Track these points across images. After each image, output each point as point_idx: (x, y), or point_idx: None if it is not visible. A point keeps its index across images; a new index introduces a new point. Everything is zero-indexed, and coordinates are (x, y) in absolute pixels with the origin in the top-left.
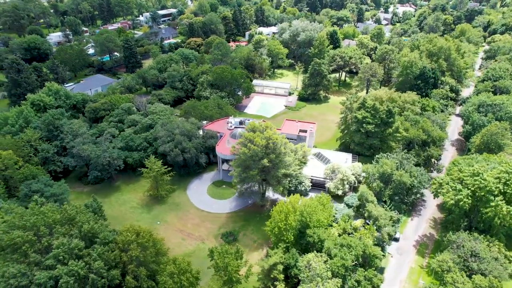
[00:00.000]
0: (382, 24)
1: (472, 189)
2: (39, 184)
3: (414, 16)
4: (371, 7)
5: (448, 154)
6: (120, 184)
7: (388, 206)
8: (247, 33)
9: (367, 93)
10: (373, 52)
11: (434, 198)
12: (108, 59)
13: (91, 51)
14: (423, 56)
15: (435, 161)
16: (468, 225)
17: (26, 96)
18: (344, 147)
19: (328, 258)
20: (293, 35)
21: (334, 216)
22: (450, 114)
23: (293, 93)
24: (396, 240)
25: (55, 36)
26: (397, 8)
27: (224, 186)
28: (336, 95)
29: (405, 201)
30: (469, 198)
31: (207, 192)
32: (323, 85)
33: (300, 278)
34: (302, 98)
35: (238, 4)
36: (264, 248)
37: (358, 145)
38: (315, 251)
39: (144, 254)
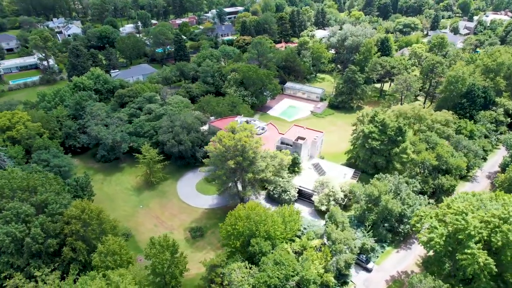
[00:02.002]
0: (460, 34)
1: (451, 229)
2: (47, 155)
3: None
4: (456, 14)
5: (477, 187)
6: (125, 166)
7: (367, 232)
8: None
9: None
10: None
11: (413, 234)
12: (161, 51)
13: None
14: (477, 71)
15: (449, 192)
16: (451, 270)
17: (71, 78)
18: (351, 162)
19: (257, 272)
20: (341, 39)
21: (301, 231)
22: (500, 142)
23: (325, 99)
24: (368, 270)
25: (128, 28)
26: (487, 16)
27: (213, 182)
28: (372, 106)
29: (397, 230)
30: (444, 239)
31: (195, 185)
32: (356, 94)
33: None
34: (332, 105)
35: (306, 5)
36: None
37: (362, 162)
38: (246, 262)
39: (85, 229)
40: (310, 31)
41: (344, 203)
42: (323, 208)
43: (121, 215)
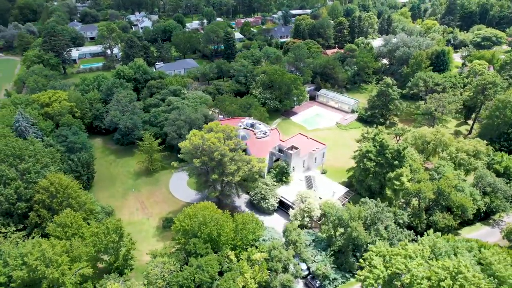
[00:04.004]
0: None
1: (390, 273)
2: (68, 132)
3: None
4: None
5: (495, 235)
6: (137, 151)
7: (329, 257)
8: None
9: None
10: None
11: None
12: (213, 48)
13: None
14: None
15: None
16: None
17: (115, 66)
18: (351, 181)
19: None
20: (392, 49)
21: (258, 242)
22: None
23: (357, 112)
24: None
25: (195, 24)
26: None
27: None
28: (408, 123)
29: None
30: (381, 281)
31: (188, 179)
32: (388, 109)
33: None
34: (360, 119)
35: (379, 11)
36: None
37: (358, 183)
38: (173, 259)
39: (51, 200)
40: (373, 38)
41: (320, 222)
42: (297, 223)
43: (112, 194)
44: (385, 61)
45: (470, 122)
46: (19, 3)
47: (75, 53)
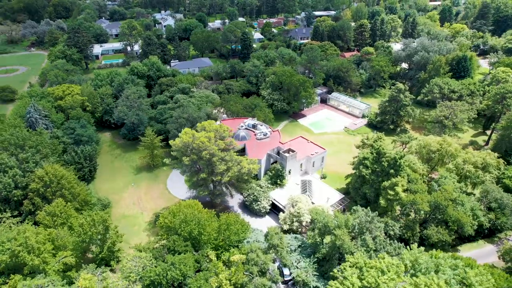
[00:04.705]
0: None
1: (361, 286)
2: (75, 124)
3: None
4: None
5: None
6: (142, 146)
7: (312, 264)
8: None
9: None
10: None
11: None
12: (232, 47)
13: None
14: None
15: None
16: None
17: (130, 63)
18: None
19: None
20: (411, 53)
21: (242, 243)
22: None
23: (368, 117)
24: None
25: (217, 23)
26: None
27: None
28: (420, 131)
29: None
30: None
31: (185, 176)
32: (399, 116)
33: None
34: (370, 124)
35: (406, 14)
36: None
37: (353, 190)
38: (150, 255)
39: (45, 189)
40: (395, 42)
41: (309, 227)
42: (285, 227)
43: (112, 187)
44: (404, 65)
45: (489, 132)
46: (53, 1)
47: (98, 49)
